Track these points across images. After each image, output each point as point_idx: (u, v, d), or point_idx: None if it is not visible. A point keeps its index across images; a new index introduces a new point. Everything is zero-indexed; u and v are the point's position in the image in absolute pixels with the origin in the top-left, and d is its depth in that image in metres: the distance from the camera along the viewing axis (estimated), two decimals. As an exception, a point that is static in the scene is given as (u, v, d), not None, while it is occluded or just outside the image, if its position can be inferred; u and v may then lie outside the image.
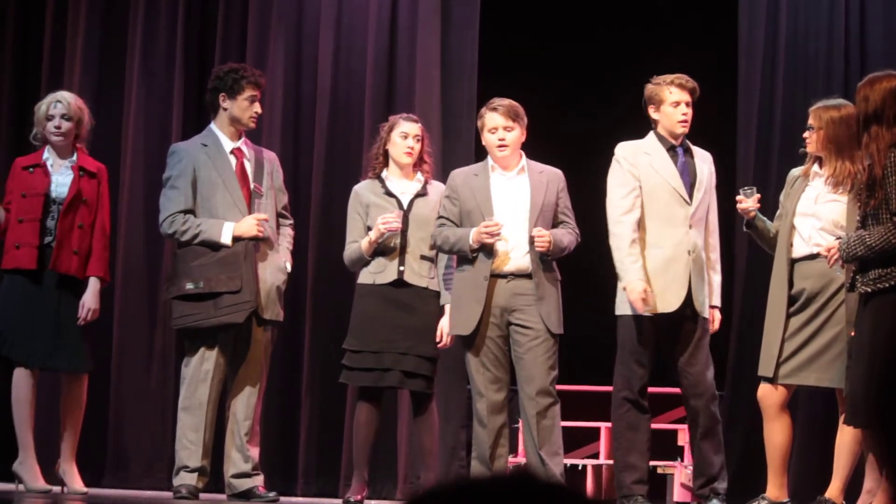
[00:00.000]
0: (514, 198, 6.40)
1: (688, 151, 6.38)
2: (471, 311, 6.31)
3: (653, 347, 6.27)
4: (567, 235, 6.40)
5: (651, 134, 6.39)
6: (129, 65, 8.21)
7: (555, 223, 6.41)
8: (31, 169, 6.66)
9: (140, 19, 8.23)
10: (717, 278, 6.36)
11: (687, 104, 6.34)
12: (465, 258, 6.37)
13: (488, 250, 6.31)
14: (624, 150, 6.36)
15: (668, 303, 6.23)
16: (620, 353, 6.30)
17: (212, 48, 8.22)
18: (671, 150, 6.37)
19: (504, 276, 6.32)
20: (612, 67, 8.56)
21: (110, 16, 8.32)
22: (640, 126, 6.53)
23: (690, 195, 6.29)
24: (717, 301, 6.35)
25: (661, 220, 6.29)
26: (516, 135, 6.42)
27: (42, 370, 6.69)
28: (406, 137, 6.64)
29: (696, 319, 6.25)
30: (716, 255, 6.35)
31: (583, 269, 7.08)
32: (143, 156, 8.13)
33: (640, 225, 6.28)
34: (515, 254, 6.33)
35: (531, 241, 6.30)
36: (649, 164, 6.32)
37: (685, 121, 6.34)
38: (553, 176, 6.48)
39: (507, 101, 6.44)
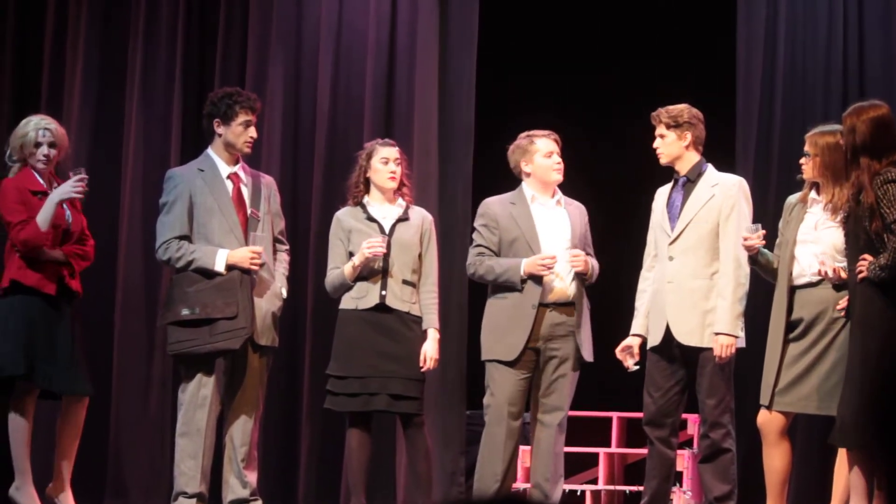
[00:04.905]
0: (555, 227, 6.51)
1: (691, 182, 6.37)
2: (516, 338, 6.39)
3: (665, 379, 6.30)
4: (593, 261, 6.55)
5: None
6: (129, 90, 8.22)
7: None
8: (39, 195, 6.60)
9: (139, 45, 8.24)
10: (721, 303, 6.23)
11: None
12: (507, 286, 6.42)
13: (537, 279, 6.37)
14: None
15: (654, 336, 6.33)
16: None
17: (211, 73, 8.24)
18: (675, 182, 6.40)
19: (548, 305, 6.41)
20: (609, 94, 8.58)
21: (109, 41, 8.33)
22: (641, 154, 6.55)
23: (674, 227, 6.32)
24: (720, 328, 6.22)
25: (660, 257, 6.39)
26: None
27: (46, 394, 6.65)
28: (387, 163, 6.64)
29: (686, 349, 6.26)
30: (724, 281, 6.25)
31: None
32: (143, 181, 8.13)
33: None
34: (560, 283, 6.43)
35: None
36: (657, 206, 6.43)
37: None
38: (580, 208, 6.63)
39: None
